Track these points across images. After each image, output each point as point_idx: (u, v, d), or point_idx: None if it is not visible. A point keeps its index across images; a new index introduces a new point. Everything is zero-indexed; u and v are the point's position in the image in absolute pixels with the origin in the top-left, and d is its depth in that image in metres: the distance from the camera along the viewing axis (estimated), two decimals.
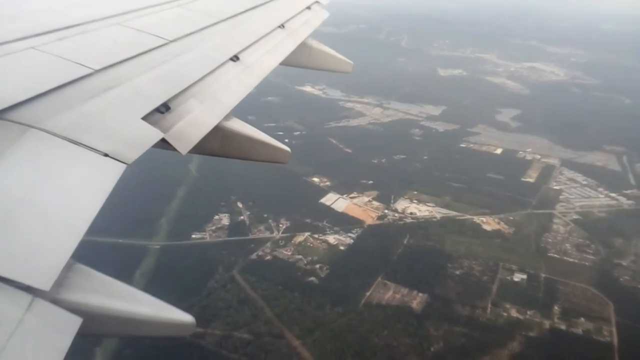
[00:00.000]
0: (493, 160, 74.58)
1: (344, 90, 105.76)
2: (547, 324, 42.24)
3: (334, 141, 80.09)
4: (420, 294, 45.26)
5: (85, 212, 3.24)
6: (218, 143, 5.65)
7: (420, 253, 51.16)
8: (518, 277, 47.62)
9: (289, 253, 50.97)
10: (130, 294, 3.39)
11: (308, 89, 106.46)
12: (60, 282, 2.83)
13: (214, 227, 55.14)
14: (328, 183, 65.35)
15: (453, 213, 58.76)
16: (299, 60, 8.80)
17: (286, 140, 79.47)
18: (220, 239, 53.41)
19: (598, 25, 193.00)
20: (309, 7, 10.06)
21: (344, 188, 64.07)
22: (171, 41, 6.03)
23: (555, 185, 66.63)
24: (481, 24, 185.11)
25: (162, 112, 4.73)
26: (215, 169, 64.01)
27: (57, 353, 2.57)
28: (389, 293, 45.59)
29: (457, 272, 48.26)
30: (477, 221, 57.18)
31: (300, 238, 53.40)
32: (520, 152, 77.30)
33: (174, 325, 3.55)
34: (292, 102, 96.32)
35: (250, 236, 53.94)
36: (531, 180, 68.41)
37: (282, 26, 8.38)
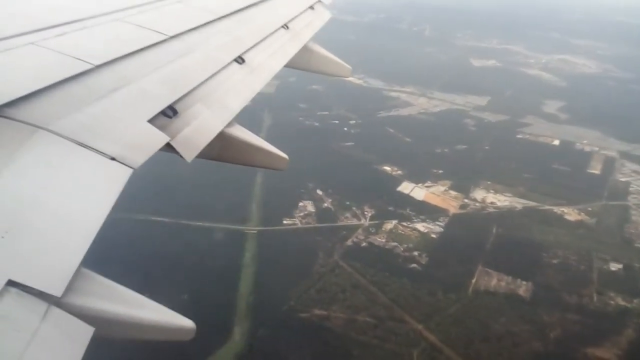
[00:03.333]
0: (553, 152, 75.51)
1: (383, 79, 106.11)
2: None
3: (392, 130, 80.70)
4: (524, 282, 46.28)
5: (95, 217, 3.25)
6: (218, 148, 5.51)
7: (513, 242, 52.16)
8: (614, 266, 48.72)
9: (383, 240, 51.72)
10: (133, 299, 3.36)
11: (349, 78, 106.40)
12: (68, 287, 2.78)
13: (302, 214, 55.72)
14: (400, 172, 65.97)
15: (532, 203, 59.72)
16: (299, 63, 8.53)
17: (345, 129, 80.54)
18: (311, 226, 54.05)
19: (611, 17, 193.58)
20: (312, 7, 9.78)
21: (417, 177, 64.73)
22: (172, 37, 5.94)
23: (622, 178, 67.75)
24: (497, 14, 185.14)
25: (170, 117, 4.68)
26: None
27: None
28: (493, 281, 46.60)
29: (554, 261, 49.35)
30: (558, 212, 58.24)
31: (389, 225, 54.16)
32: (577, 144, 78.23)
33: (176, 330, 3.55)
34: (336, 91, 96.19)
35: (339, 223, 54.60)
36: (596, 172, 69.49)
37: (285, 27, 8.19)
